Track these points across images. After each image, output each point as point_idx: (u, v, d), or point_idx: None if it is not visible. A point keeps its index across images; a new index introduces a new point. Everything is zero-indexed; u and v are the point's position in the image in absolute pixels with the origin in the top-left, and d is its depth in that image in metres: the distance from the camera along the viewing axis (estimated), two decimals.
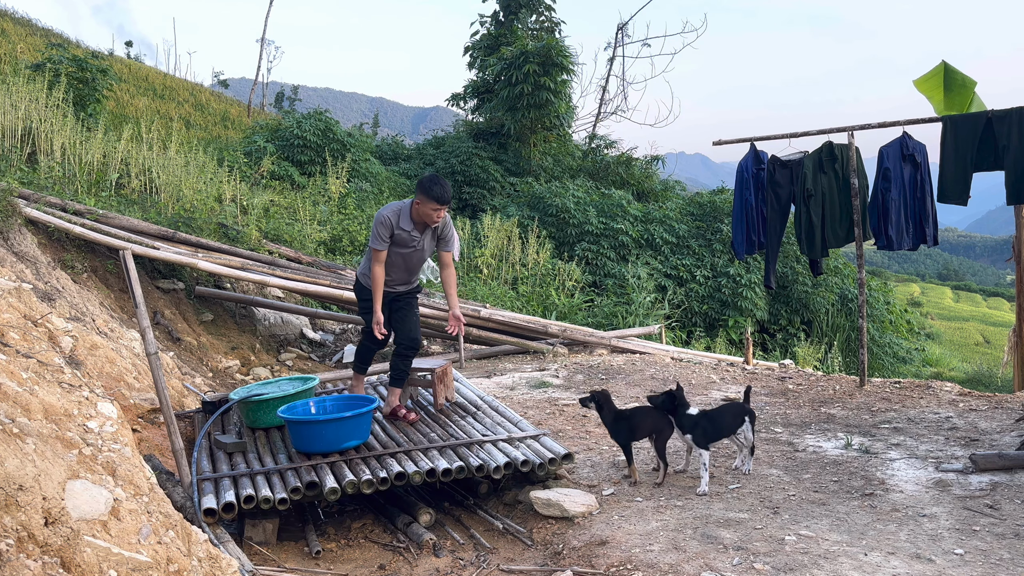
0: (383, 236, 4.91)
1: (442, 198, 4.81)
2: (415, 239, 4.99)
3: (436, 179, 4.87)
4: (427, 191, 4.82)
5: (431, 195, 4.80)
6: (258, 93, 30.10)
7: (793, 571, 3.34)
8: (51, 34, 26.26)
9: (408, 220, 4.93)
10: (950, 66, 6.78)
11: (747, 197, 7.06)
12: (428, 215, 4.87)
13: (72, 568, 2.16)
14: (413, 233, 4.96)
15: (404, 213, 4.94)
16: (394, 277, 5.09)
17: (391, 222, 4.90)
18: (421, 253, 5.09)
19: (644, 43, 22.85)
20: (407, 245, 4.98)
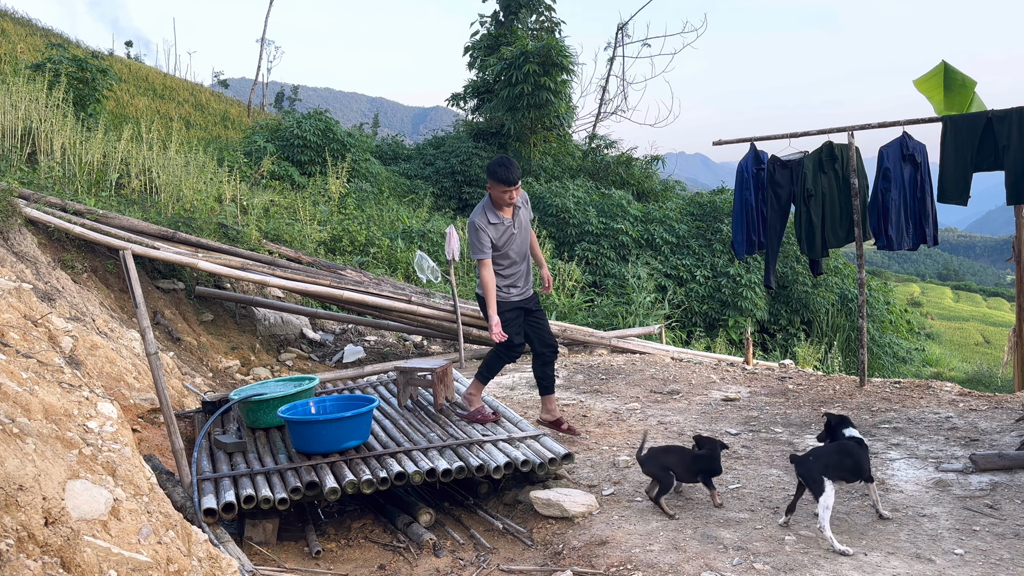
0: (483, 243, 4.95)
1: (508, 179, 4.87)
2: (508, 224, 5.03)
3: (501, 161, 4.92)
4: (493, 174, 4.90)
5: (497, 177, 4.88)
6: (258, 93, 30.10)
7: (793, 571, 3.34)
8: (51, 34, 26.26)
9: (493, 213, 5.00)
10: (950, 66, 6.78)
11: (747, 197, 7.05)
12: (502, 198, 4.94)
13: (72, 568, 2.16)
14: (505, 221, 5.01)
15: (488, 208, 5.01)
16: (513, 271, 5.11)
17: (482, 224, 4.96)
18: (523, 233, 5.13)
19: (644, 43, 22.86)
20: (507, 236, 5.03)
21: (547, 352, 5.29)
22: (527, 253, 5.23)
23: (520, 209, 5.11)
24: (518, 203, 5.08)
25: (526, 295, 5.22)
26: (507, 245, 5.06)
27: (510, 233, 5.04)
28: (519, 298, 5.17)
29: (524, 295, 5.20)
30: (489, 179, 4.96)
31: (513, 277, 5.14)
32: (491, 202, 5.02)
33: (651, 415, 6.12)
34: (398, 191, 17.74)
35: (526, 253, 5.20)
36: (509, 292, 5.13)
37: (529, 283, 5.25)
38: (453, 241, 8.38)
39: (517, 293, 5.17)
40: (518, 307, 5.16)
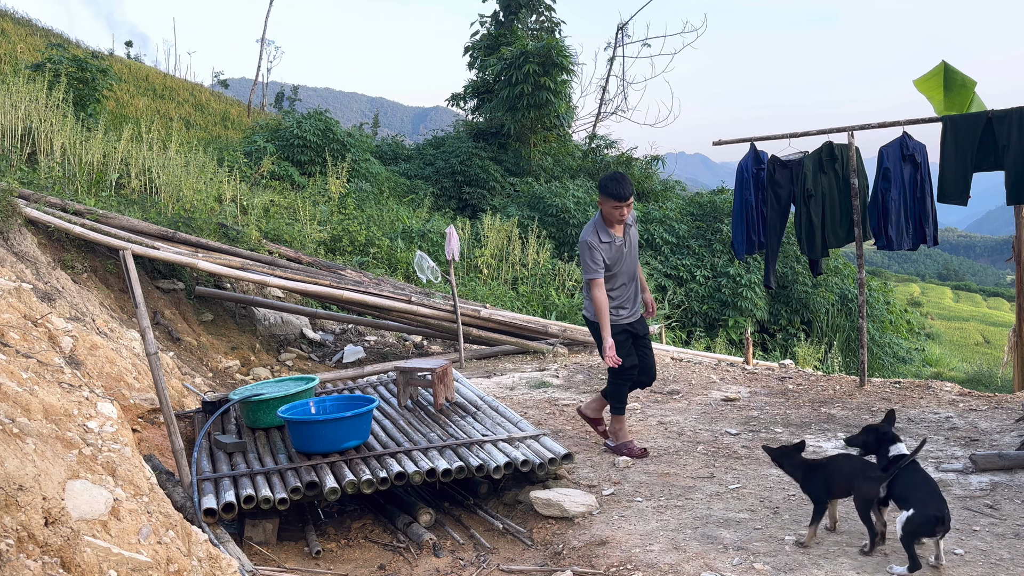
0: (596, 262, 4.81)
1: (620, 194, 4.75)
2: (620, 243, 4.91)
3: (613, 176, 4.82)
4: (604, 189, 4.80)
5: (608, 192, 4.77)
6: (258, 93, 30.09)
7: (793, 571, 3.34)
8: (51, 34, 26.26)
9: (605, 231, 4.86)
10: (950, 66, 6.78)
11: (747, 197, 7.05)
12: (613, 215, 4.81)
13: (72, 568, 2.16)
14: (616, 240, 4.88)
15: (599, 226, 4.87)
16: (621, 292, 4.96)
17: (594, 242, 4.82)
18: (632, 252, 5.02)
19: (644, 43, 22.85)
20: (618, 255, 4.90)
21: (644, 381, 5.19)
22: (635, 273, 5.06)
23: (630, 227, 4.98)
24: (628, 221, 4.94)
25: (634, 317, 5.05)
26: (617, 264, 4.90)
27: (621, 252, 4.90)
28: (628, 320, 5.01)
29: (633, 317, 5.04)
30: (600, 194, 4.83)
31: (621, 298, 4.97)
32: (602, 219, 4.87)
33: (651, 415, 6.12)
34: (398, 191, 17.73)
35: (635, 273, 5.05)
36: (619, 314, 4.96)
37: (637, 305, 5.08)
38: (453, 241, 8.38)
39: (627, 315, 5.00)
40: (627, 330, 4.99)
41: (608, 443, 5.16)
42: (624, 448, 5.01)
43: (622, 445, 5.03)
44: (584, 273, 4.87)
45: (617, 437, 5.08)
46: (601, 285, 4.82)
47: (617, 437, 5.08)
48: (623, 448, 5.00)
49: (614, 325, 4.90)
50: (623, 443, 5.04)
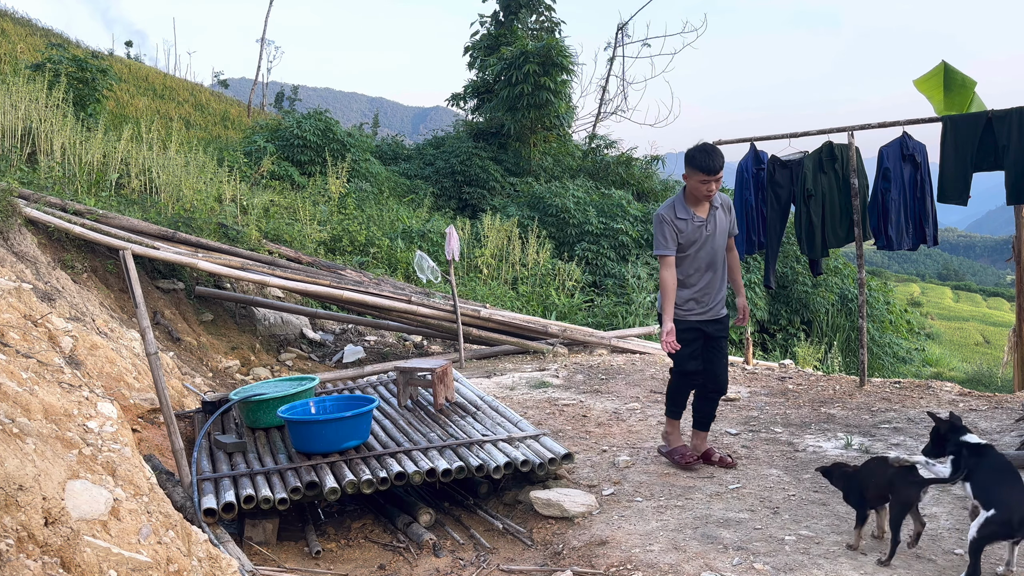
0: (666, 237, 4.38)
1: (709, 166, 4.26)
2: (701, 225, 4.41)
3: (702, 147, 4.36)
4: (691, 160, 4.32)
5: (695, 164, 4.30)
6: (258, 93, 30.10)
7: (793, 571, 3.34)
8: (51, 34, 26.27)
9: (684, 208, 4.41)
10: (950, 66, 6.78)
11: (747, 197, 7.05)
12: (698, 189, 4.33)
13: (72, 568, 2.16)
14: (696, 220, 4.40)
15: (678, 201, 4.44)
16: (697, 282, 4.48)
17: (668, 217, 4.38)
18: (717, 239, 4.47)
19: (644, 43, 22.85)
20: (696, 236, 4.41)
21: (711, 388, 4.65)
22: (720, 265, 4.53)
23: (718, 210, 4.47)
24: (716, 203, 4.46)
25: (711, 316, 4.52)
26: (694, 247, 4.41)
27: (701, 233, 4.41)
28: (700, 318, 4.49)
29: (707, 315, 4.51)
30: (687, 166, 4.35)
31: (696, 289, 4.47)
32: (684, 195, 4.43)
33: (651, 415, 6.12)
34: (398, 191, 17.74)
35: (719, 264, 4.51)
36: (687, 307, 4.47)
37: (718, 303, 4.56)
38: (453, 241, 8.38)
39: (699, 311, 4.48)
40: (697, 328, 4.49)
41: (661, 447, 4.86)
42: (675, 454, 4.67)
43: (673, 451, 4.69)
44: (654, 248, 4.47)
45: (669, 442, 4.75)
46: (670, 264, 4.38)
47: (669, 442, 4.75)
48: (674, 454, 4.68)
49: (680, 320, 4.44)
50: (674, 448, 4.70)
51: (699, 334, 4.51)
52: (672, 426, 4.74)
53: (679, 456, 4.67)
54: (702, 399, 4.70)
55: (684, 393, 4.67)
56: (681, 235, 4.39)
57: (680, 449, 4.70)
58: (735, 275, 4.70)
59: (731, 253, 4.68)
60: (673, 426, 4.73)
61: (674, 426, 4.74)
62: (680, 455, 4.67)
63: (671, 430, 4.74)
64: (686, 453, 4.66)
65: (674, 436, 4.74)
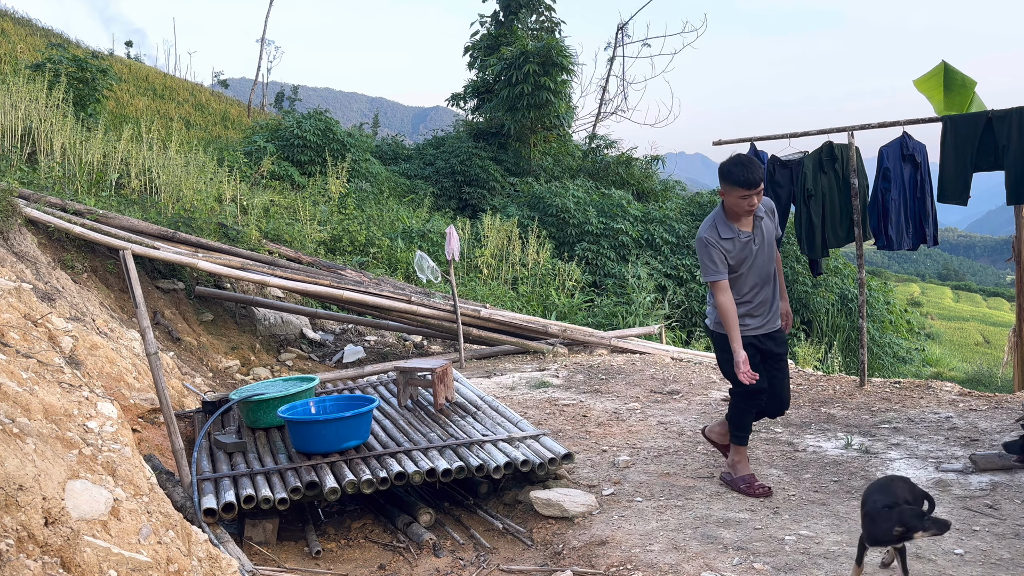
0: (715, 261, 4.08)
1: (748, 180, 3.95)
2: (747, 239, 4.12)
3: (737, 160, 4.02)
4: (728, 175, 4.00)
5: (733, 179, 3.98)
6: (258, 93, 30.10)
7: (793, 571, 3.34)
8: (51, 34, 26.27)
9: (726, 226, 4.12)
10: (950, 66, 6.78)
11: None
12: (738, 205, 4.02)
13: (72, 568, 2.16)
14: (742, 235, 4.11)
15: (719, 220, 4.14)
16: (752, 297, 4.20)
17: (713, 239, 4.09)
18: (766, 250, 4.19)
19: (644, 43, 22.86)
20: (746, 254, 4.12)
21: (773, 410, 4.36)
22: (771, 275, 4.25)
23: (763, 219, 4.16)
24: (759, 211, 4.15)
25: (767, 329, 4.25)
26: (745, 264, 4.13)
27: (749, 249, 4.11)
28: (756, 332, 4.21)
29: (764, 328, 4.24)
30: (722, 183, 4.05)
31: (751, 305, 4.19)
32: (724, 212, 4.13)
33: (651, 415, 6.12)
34: (398, 191, 17.74)
35: (770, 275, 4.24)
36: (744, 323, 4.18)
37: (774, 315, 4.29)
38: (453, 241, 8.38)
39: (755, 325, 4.21)
40: (753, 344, 4.21)
41: (724, 475, 4.46)
42: (742, 483, 4.28)
43: (740, 479, 4.31)
44: (703, 275, 4.18)
45: (735, 470, 4.37)
46: (725, 289, 4.07)
47: (735, 470, 4.37)
48: (740, 483, 4.29)
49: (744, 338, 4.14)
50: (741, 477, 4.31)
51: (756, 351, 4.22)
52: (739, 454, 4.35)
53: (746, 486, 4.28)
54: (757, 418, 4.41)
55: (749, 416, 4.31)
56: (730, 255, 4.10)
57: (748, 479, 4.30)
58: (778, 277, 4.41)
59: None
60: (740, 453, 4.35)
61: (740, 453, 4.35)
62: (747, 484, 4.28)
63: (738, 458, 4.36)
64: (754, 483, 4.27)
65: (742, 464, 4.35)
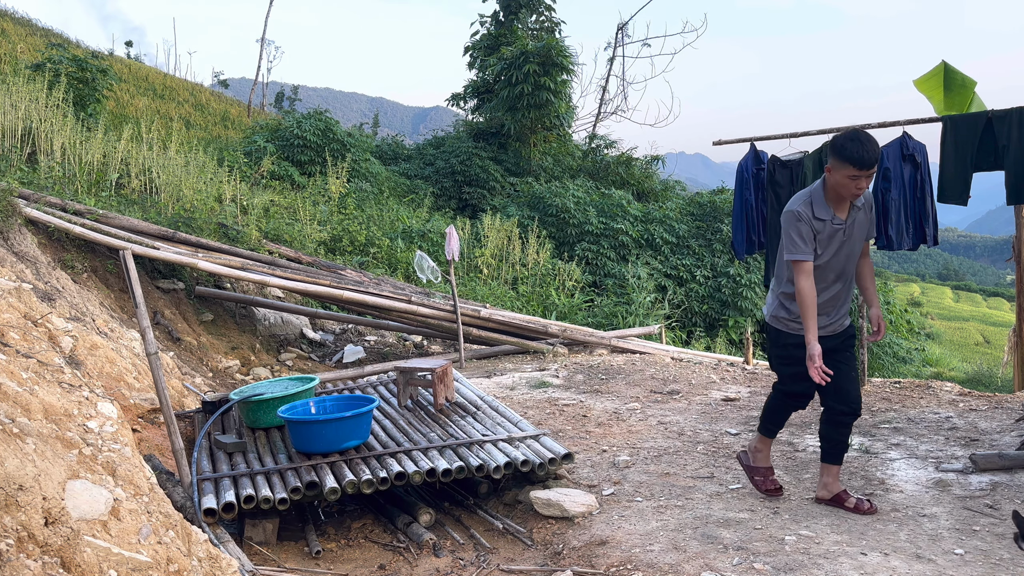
0: (803, 237, 3.68)
1: (862, 158, 3.53)
2: (840, 228, 3.72)
3: (854, 136, 3.60)
4: (841, 151, 3.58)
5: (845, 155, 3.56)
6: (258, 93, 30.11)
7: (793, 571, 3.34)
8: (51, 34, 26.28)
9: (823, 206, 3.70)
10: (950, 66, 6.78)
11: (747, 197, 7.05)
12: (844, 186, 3.62)
13: (72, 568, 2.16)
14: (835, 221, 3.71)
15: (816, 197, 3.72)
16: (826, 293, 3.80)
17: (805, 214, 3.68)
18: (854, 244, 3.78)
19: (644, 43, 22.87)
20: (834, 239, 3.73)
21: (839, 410, 3.86)
22: (850, 275, 3.87)
23: (859, 210, 3.77)
24: (859, 202, 3.76)
25: (835, 329, 3.88)
26: (827, 253, 3.74)
27: (837, 239, 3.73)
28: (821, 333, 3.78)
29: (829, 330, 3.85)
30: (833, 157, 3.62)
31: (823, 302, 3.80)
32: (823, 190, 3.72)
33: (651, 415, 6.12)
34: (398, 191, 17.74)
35: (850, 274, 3.86)
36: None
37: (843, 314, 3.90)
38: (453, 241, 8.38)
39: (821, 324, 3.79)
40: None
41: (741, 455, 4.30)
42: (757, 474, 4.15)
43: (756, 469, 4.17)
44: (785, 252, 3.73)
45: (755, 458, 4.19)
46: (808, 271, 3.67)
47: (755, 458, 4.19)
48: (755, 473, 4.14)
49: (793, 334, 3.81)
50: (758, 467, 4.17)
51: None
52: (762, 443, 4.15)
53: (759, 478, 4.12)
54: (831, 424, 3.92)
55: (783, 414, 4.08)
56: (818, 238, 3.71)
57: (763, 471, 4.11)
58: (867, 282, 4.00)
59: (864, 258, 3.99)
60: (764, 443, 4.15)
61: (764, 443, 4.15)
62: (761, 477, 4.10)
63: (760, 447, 4.16)
64: (768, 479, 4.09)
65: (762, 454, 4.16)
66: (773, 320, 3.95)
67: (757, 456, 4.19)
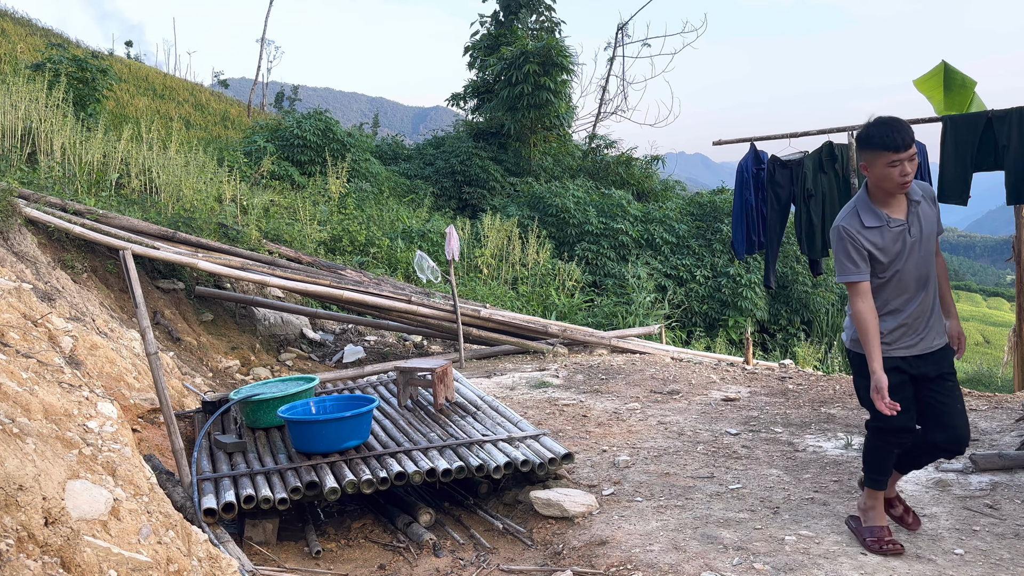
0: (852, 257, 3.26)
1: (895, 141, 3.12)
2: (900, 228, 3.26)
3: (879, 120, 3.21)
4: (869, 141, 3.18)
5: (876, 143, 3.16)
6: (258, 93, 30.11)
7: (793, 571, 3.34)
8: (51, 34, 26.30)
9: (872, 211, 3.27)
10: (950, 66, 6.78)
11: (747, 197, 7.06)
12: (887, 178, 3.18)
13: (72, 568, 2.16)
14: (892, 223, 3.26)
15: (862, 204, 3.30)
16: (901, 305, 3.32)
17: (852, 229, 3.26)
18: (923, 245, 3.30)
19: (644, 43, 22.88)
20: (898, 248, 3.26)
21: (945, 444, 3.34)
22: (931, 278, 3.36)
23: (919, 204, 3.30)
24: (915, 194, 3.30)
25: (924, 349, 3.34)
26: (898, 261, 3.26)
27: (902, 240, 3.25)
28: (907, 352, 3.32)
29: (919, 348, 3.33)
30: (863, 152, 3.21)
31: (903, 315, 3.31)
32: (868, 194, 3.30)
33: (651, 415, 6.12)
34: (398, 191, 17.75)
35: (929, 277, 3.34)
36: (894, 339, 3.32)
37: (933, 330, 3.36)
38: (453, 241, 8.38)
39: (906, 345, 3.32)
40: (899, 368, 3.31)
41: (850, 519, 3.67)
42: (868, 535, 3.48)
43: (867, 530, 3.50)
44: (837, 274, 3.35)
45: (865, 517, 3.55)
46: (865, 293, 3.25)
47: (865, 517, 3.55)
48: (867, 534, 3.49)
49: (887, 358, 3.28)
50: (870, 528, 3.50)
51: (906, 377, 3.34)
52: (872, 497, 3.52)
53: (873, 539, 3.46)
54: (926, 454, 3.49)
55: (886, 457, 3.44)
56: (878, 250, 3.25)
57: (878, 531, 3.47)
58: (941, 286, 3.47)
59: (937, 257, 3.48)
60: (873, 497, 3.52)
61: (874, 497, 3.51)
62: (876, 539, 3.46)
63: (871, 503, 3.52)
64: (884, 538, 3.45)
65: (875, 512, 3.51)
66: (854, 345, 3.43)
67: (868, 515, 3.53)
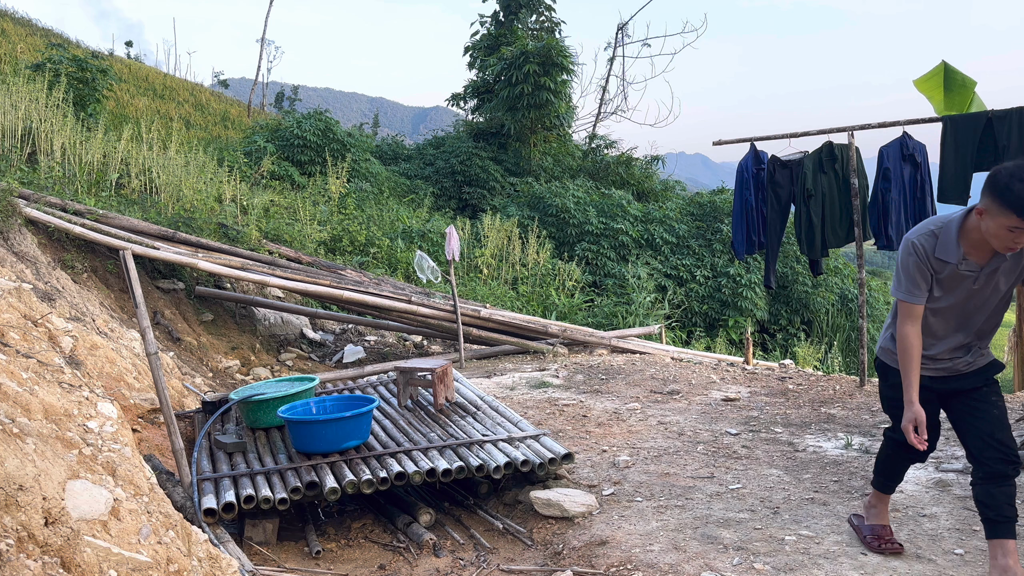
0: (915, 279, 3.05)
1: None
2: (972, 274, 3.03)
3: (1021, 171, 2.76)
4: (1004, 194, 2.76)
5: (1009, 201, 2.75)
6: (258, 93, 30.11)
7: (793, 571, 3.34)
8: (51, 34, 26.30)
9: (952, 247, 2.99)
10: (950, 66, 6.78)
11: (747, 197, 7.06)
12: (999, 238, 2.84)
13: (72, 568, 2.16)
14: (965, 266, 3.01)
15: (946, 236, 3.00)
16: (938, 340, 3.19)
17: (925, 249, 3.02)
18: (985, 297, 3.10)
19: (644, 43, 22.88)
20: (955, 288, 3.07)
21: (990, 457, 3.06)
22: (986, 331, 3.22)
23: (1006, 261, 3.02)
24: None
25: (951, 371, 3.22)
26: (948, 297, 3.09)
27: (965, 288, 3.05)
28: (934, 372, 3.22)
29: (945, 370, 3.22)
30: (991, 198, 2.82)
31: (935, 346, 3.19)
32: (959, 230, 2.98)
33: (651, 415, 6.12)
34: (398, 191, 17.74)
35: (982, 329, 3.20)
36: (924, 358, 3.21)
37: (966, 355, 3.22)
38: (453, 241, 8.38)
39: (931, 368, 3.22)
40: (924, 385, 3.16)
41: (853, 517, 3.73)
42: (868, 532, 3.54)
43: (868, 527, 3.56)
44: (893, 288, 3.17)
45: (868, 515, 3.61)
46: (914, 316, 3.07)
47: (868, 515, 3.61)
48: (867, 531, 3.55)
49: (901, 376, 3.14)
50: (871, 525, 3.56)
51: (932, 394, 3.21)
52: (878, 498, 3.58)
53: (873, 537, 3.50)
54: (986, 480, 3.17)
55: (899, 466, 3.48)
56: (936, 282, 3.07)
57: (879, 529, 3.52)
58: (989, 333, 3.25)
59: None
60: (879, 498, 3.57)
61: (880, 498, 3.57)
62: (876, 536, 3.50)
63: (876, 503, 3.58)
64: (884, 537, 3.49)
65: (877, 509, 3.57)
66: (882, 353, 3.38)
67: (871, 513, 3.59)
